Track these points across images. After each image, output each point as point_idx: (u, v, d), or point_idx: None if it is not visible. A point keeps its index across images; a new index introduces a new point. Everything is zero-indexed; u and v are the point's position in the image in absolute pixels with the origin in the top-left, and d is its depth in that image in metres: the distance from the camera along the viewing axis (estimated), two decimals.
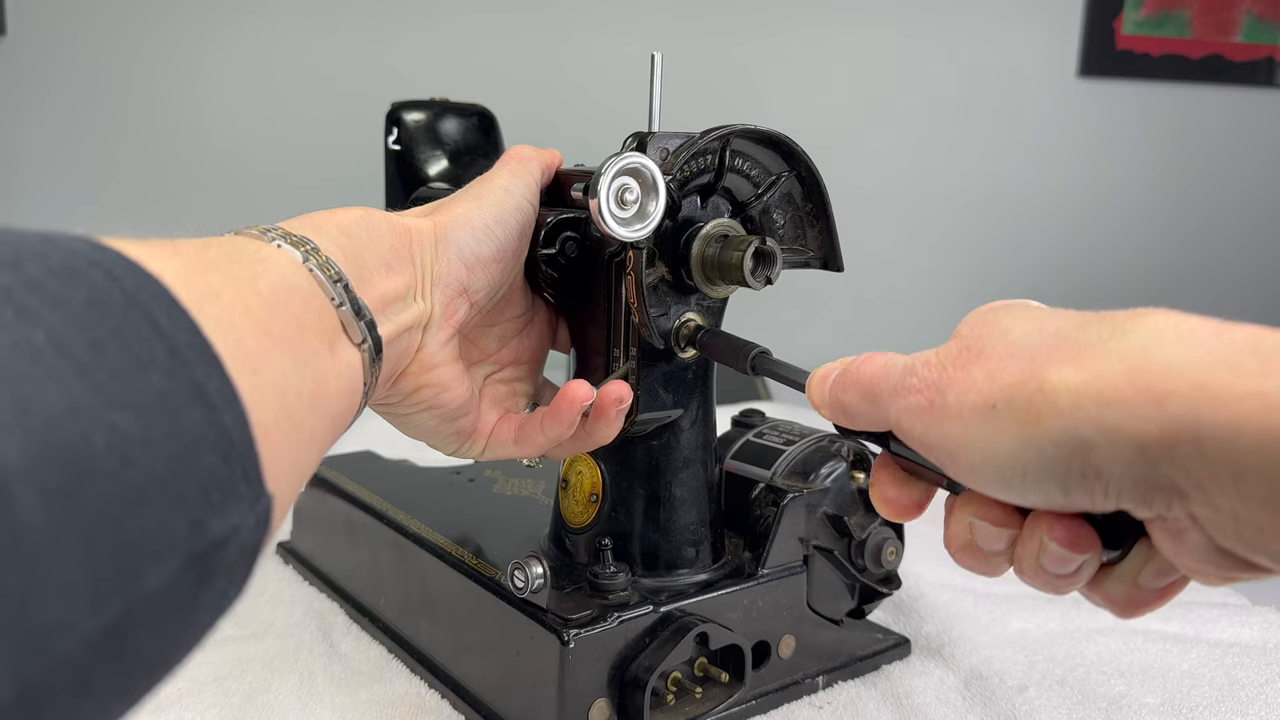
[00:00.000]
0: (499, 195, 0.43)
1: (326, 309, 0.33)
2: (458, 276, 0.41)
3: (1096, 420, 0.25)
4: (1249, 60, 1.59)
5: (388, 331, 0.37)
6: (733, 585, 0.50)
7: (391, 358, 0.38)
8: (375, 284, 0.37)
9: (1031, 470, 0.27)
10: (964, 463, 0.28)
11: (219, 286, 0.27)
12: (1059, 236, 1.62)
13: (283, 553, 0.71)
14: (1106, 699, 0.54)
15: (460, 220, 0.41)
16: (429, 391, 0.42)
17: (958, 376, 0.29)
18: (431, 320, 0.40)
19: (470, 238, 0.41)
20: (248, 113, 1.46)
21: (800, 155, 0.46)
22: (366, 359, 0.35)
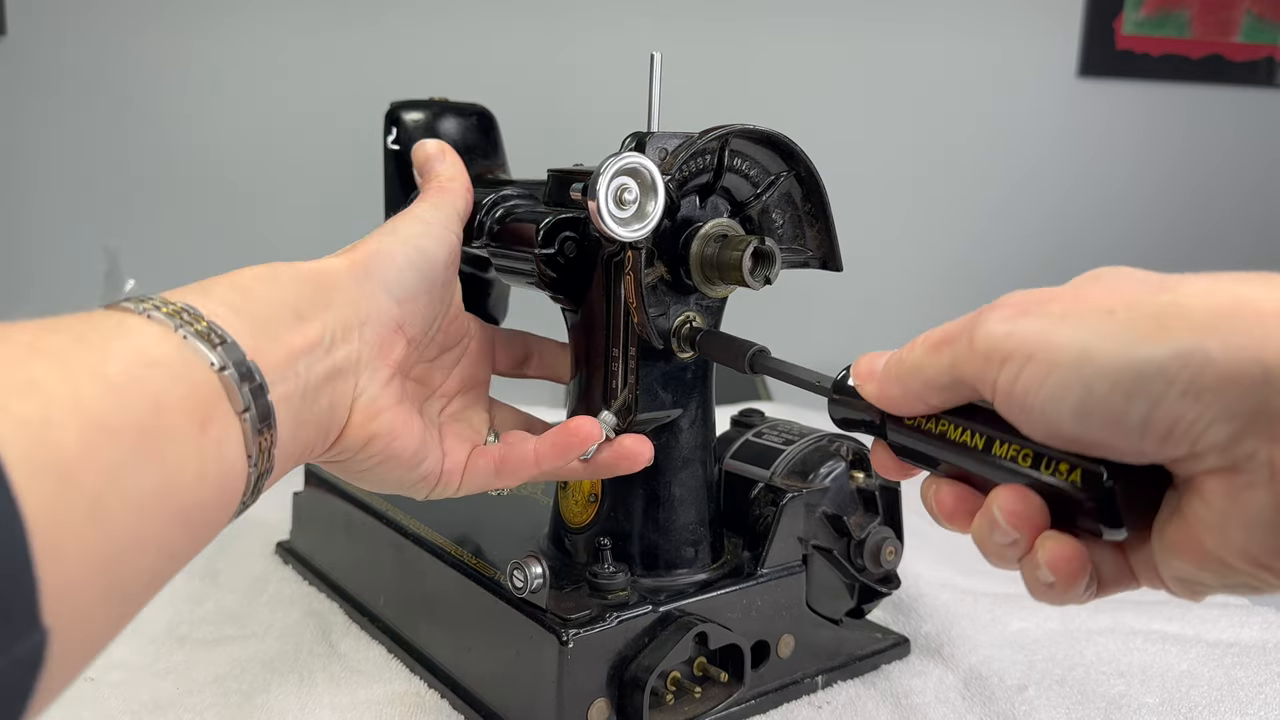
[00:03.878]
0: (418, 227, 0.42)
1: (203, 379, 0.29)
2: (389, 313, 0.39)
3: (1227, 335, 0.23)
4: (1249, 60, 1.59)
5: (303, 384, 0.34)
6: (732, 585, 0.50)
7: (319, 411, 0.35)
8: (283, 338, 0.34)
9: (1125, 382, 0.24)
10: (1039, 368, 0.26)
11: (42, 378, 0.24)
12: (1059, 236, 1.62)
13: (282, 552, 0.71)
14: (1106, 699, 0.54)
15: (380, 255, 0.40)
16: (380, 443, 0.38)
17: (1066, 293, 0.27)
18: (362, 362, 0.37)
19: (395, 273, 0.39)
20: (247, 112, 1.46)
21: (799, 155, 0.46)
22: (249, 428, 0.31)
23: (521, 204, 0.53)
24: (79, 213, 1.46)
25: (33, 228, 1.47)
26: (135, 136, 1.45)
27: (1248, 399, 0.23)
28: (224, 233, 1.49)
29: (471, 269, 0.67)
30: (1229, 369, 0.23)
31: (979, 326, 0.28)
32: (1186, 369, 0.24)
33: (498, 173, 0.69)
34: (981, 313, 0.29)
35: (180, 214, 1.48)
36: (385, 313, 0.38)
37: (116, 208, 1.47)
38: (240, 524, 0.75)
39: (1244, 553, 0.25)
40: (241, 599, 0.64)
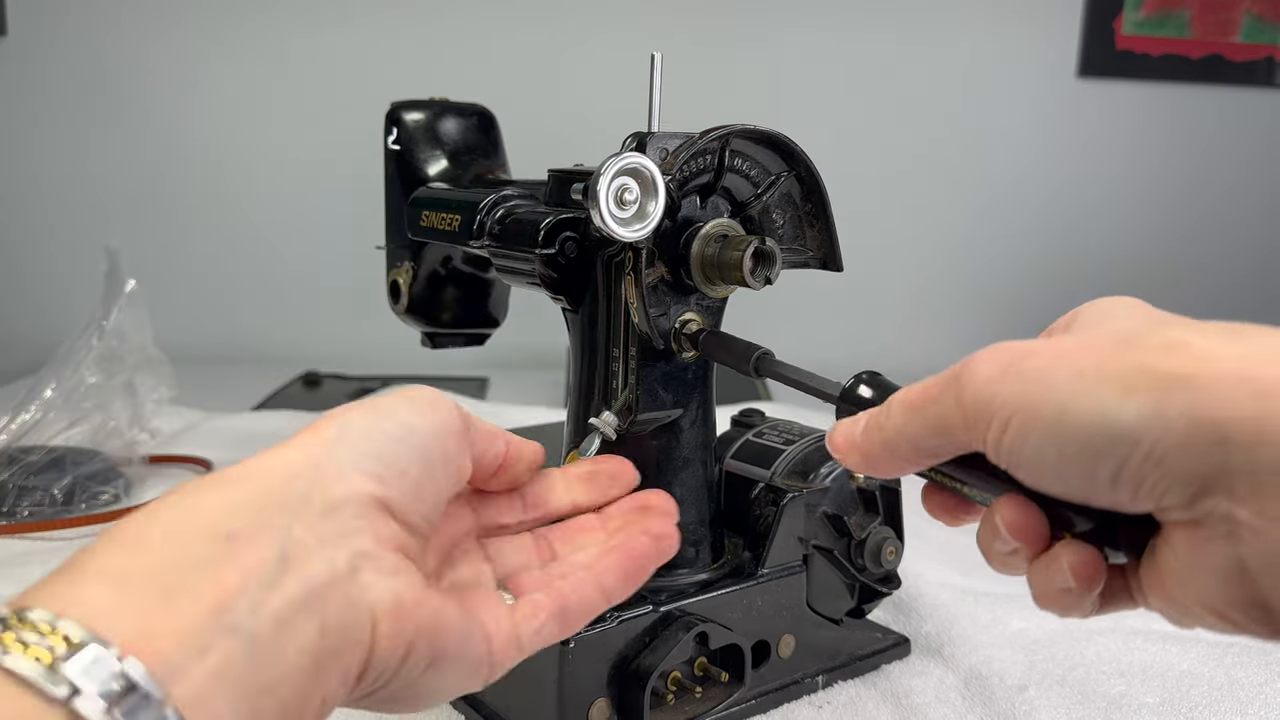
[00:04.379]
0: (400, 401, 0.33)
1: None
2: (363, 493, 0.28)
3: (1186, 400, 0.25)
4: (1249, 60, 1.59)
5: (248, 635, 0.24)
6: (732, 585, 0.50)
7: (301, 652, 0.25)
8: (197, 591, 0.24)
9: (1095, 443, 0.26)
10: (1020, 427, 0.27)
11: None
12: (1058, 236, 1.62)
13: None
14: (1106, 699, 0.54)
15: (348, 425, 0.30)
16: (422, 646, 0.28)
17: (1044, 347, 0.28)
18: (358, 558, 0.27)
19: (366, 444, 0.30)
20: (248, 111, 1.46)
21: (799, 155, 0.46)
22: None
23: (522, 204, 0.53)
24: (79, 213, 1.46)
25: (33, 228, 1.47)
26: (135, 136, 1.45)
27: (1206, 461, 0.24)
28: (224, 233, 1.50)
29: (472, 269, 0.67)
30: (1188, 433, 0.24)
31: (964, 385, 0.29)
32: (1149, 433, 0.25)
33: (498, 173, 0.69)
34: (964, 370, 0.29)
35: (180, 214, 1.48)
36: (358, 493, 0.28)
37: (116, 208, 1.47)
38: None
39: (1203, 602, 0.26)
40: None
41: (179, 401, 0.91)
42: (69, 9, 1.41)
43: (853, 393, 0.37)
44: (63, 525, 0.74)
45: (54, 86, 1.43)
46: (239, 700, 0.23)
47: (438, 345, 0.70)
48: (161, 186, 1.47)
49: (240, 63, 1.45)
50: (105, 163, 1.46)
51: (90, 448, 0.82)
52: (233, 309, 1.51)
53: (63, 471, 0.78)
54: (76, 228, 1.46)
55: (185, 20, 1.43)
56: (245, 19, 1.44)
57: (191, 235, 1.49)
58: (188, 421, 1.04)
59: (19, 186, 1.46)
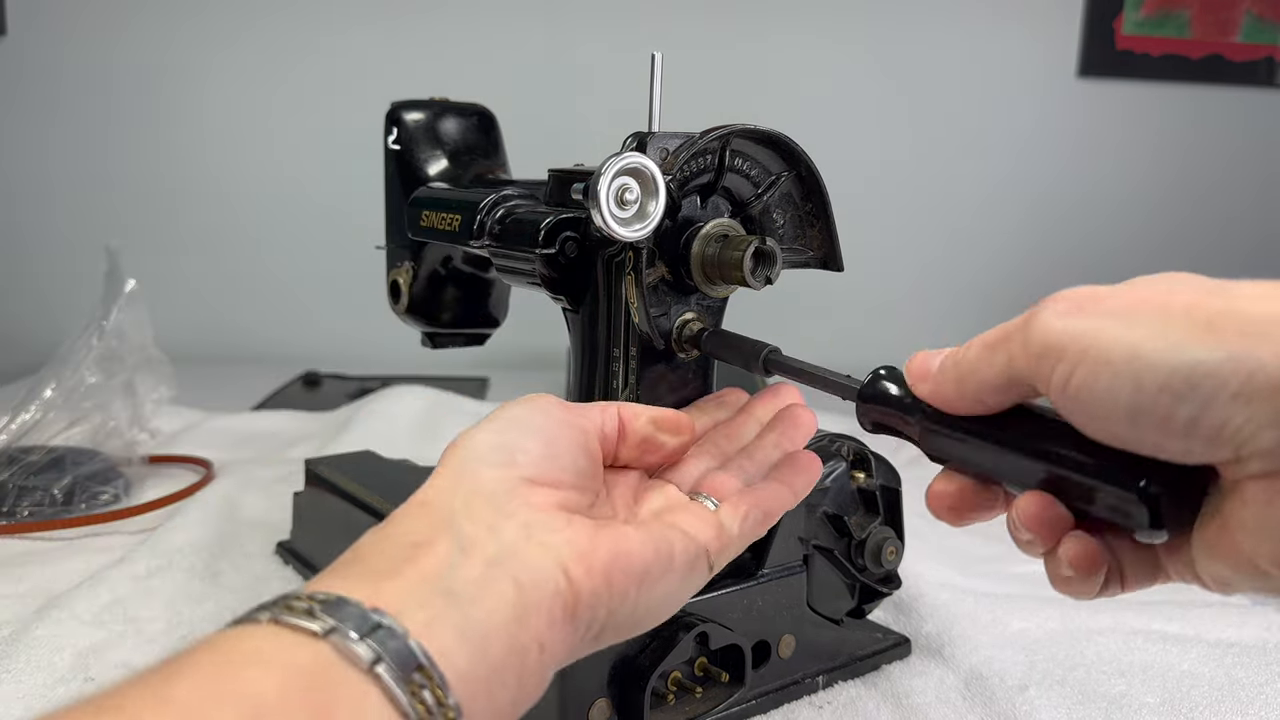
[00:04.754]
0: (518, 409, 0.37)
1: (305, 655, 0.26)
2: (501, 479, 0.33)
3: (1279, 343, 0.24)
4: (1249, 60, 1.59)
5: (450, 595, 0.29)
6: (733, 585, 0.50)
7: (501, 606, 0.29)
8: (401, 571, 0.29)
9: (1175, 383, 0.25)
10: (1093, 365, 0.26)
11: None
12: (1058, 236, 1.62)
13: (282, 553, 0.71)
14: (1106, 699, 0.54)
15: (462, 439, 0.35)
16: (619, 572, 0.32)
17: (1121, 291, 0.28)
18: (522, 527, 0.31)
19: (483, 449, 0.35)
20: (248, 111, 1.46)
21: (800, 155, 0.46)
22: (391, 683, 0.26)
23: (522, 204, 0.53)
24: (79, 213, 1.46)
25: (33, 228, 1.47)
26: (135, 136, 1.45)
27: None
28: (224, 233, 1.49)
29: (472, 269, 0.67)
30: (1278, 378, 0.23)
31: (1033, 324, 0.28)
32: (1237, 374, 0.24)
33: (498, 173, 0.69)
34: (1036, 309, 0.29)
35: (180, 214, 1.48)
36: (498, 480, 0.33)
37: (116, 208, 1.47)
38: (240, 524, 0.75)
39: (1277, 558, 0.25)
40: (242, 599, 0.64)
41: (179, 401, 0.92)
42: (69, 9, 1.41)
43: (877, 389, 0.36)
44: (63, 525, 0.74)
45: (54, 86, 1.43)
46: (460, 638, 0.28)
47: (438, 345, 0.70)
48: (161, 186, 1.47)
49: (240, 62, 1.45)
50: (105, 162, 1.46)
51: (90, 448, 0.82)
52: (233, 309, 1.51)
53: (63, 471, 0.78)
54: (76, 228, 1.46)
55: (185, 20, 1.43)
56: (246, 19, 1.44)
57: (191, 235, 1.49)
58: (188, 421, 1.04)
59: (19, 186, 1.46)
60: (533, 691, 0.30)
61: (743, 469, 0.41)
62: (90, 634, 0.57)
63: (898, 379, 0.36)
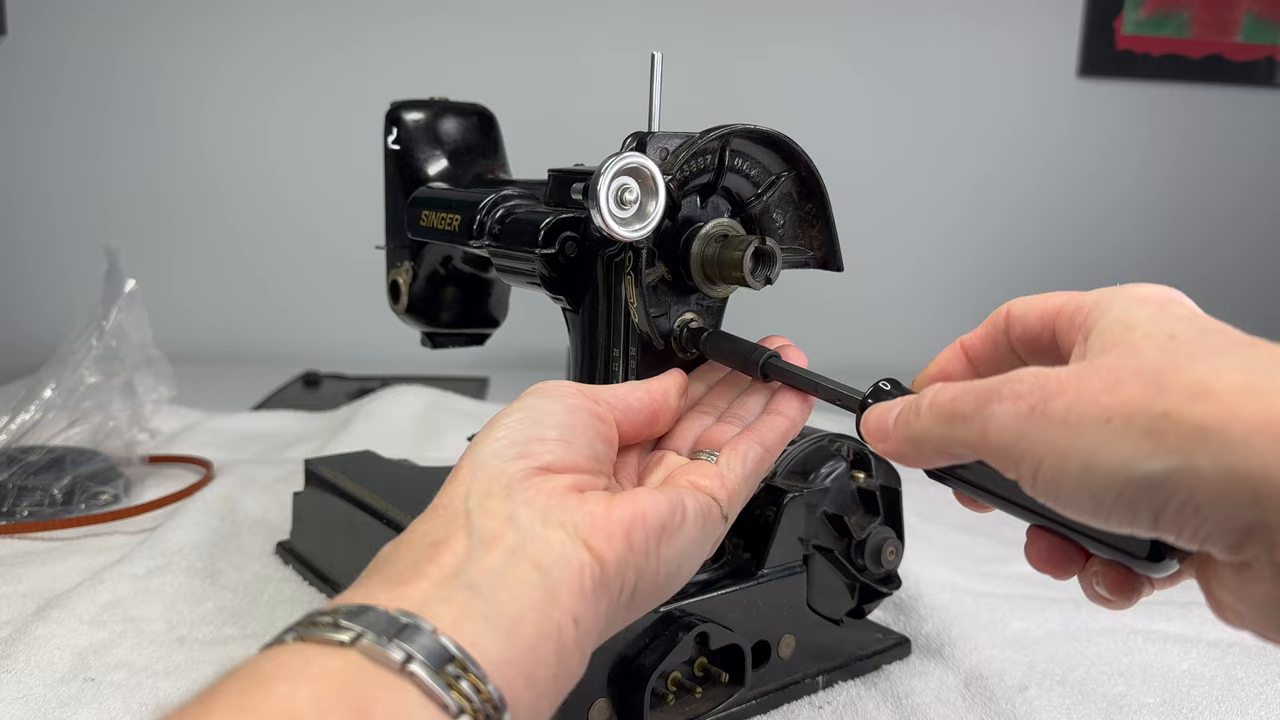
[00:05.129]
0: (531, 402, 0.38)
1: (335, 661, 0.26)
2: (509, 471, 0.34)
3: (1216, 453, 0.24)
4: (1249, 60, 1.59)
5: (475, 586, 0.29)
6: (732, 585, 0.50)
7: (528, 586, 0.30)
8: (422, 569, 0.30)
9: (1129, 493, 0.26)
10: (1051, 473, 0.27)
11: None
12: (1058, 236, 1.62)
13: (282, 553, 0.71)
14: (1106, 699, 0.54)
15: (477, 439, 0.36)
16: (638, 532, 0.33)
17: (1070, 382, 0.27)
18: (537, 511, 0.32)
19: (492, 444, 0.35)
20: (247, 111, 1.46)
21: (800, 155, 0.46)
22: (426, 677, 0.26)
23: (522, 204, 0.53)
24: (79, 213, 1.46)
25: (33, 228, 1.47)
26: (135, 136, 1.45)
27: (1241, 515, 0.24)
28: (224, 233, 1.49)
29: (472, 269, 0.67)
30: (1220, 487, 0.24)
31: (990, 421, 0.29)
32: (1181, 485, 0.25)
33: (498, 173, 0.69)
34: (989, 398, 0.29)
35: (180, 214, 1.48)
36: (512, 473, 0.34)
37: (116, 208, 1.47)
38: (240, 524, 0.75)
39: (1256, 625, 0.26)
40: (241, 599, 0.64)
41: (178, 401, 0.92)
42: (69, 9, 1.41)
43: (875, 402, 0.36)
44: (62, 525, 0.74)
45: (54, 86, 1.43)
46: (489, 626, 0.28)
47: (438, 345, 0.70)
48: (161, 187, 1.47)
49: (240, 62, 1.45)
50: (105, 162, 1.46)
51: (90, 448, 0.82)
52: (233, 309, 1.51)
53: (62, 471, 0.78)
54: (76, 228, 1.46)
55: (186, 20, 1.43)
56: (246, 19, 1.44)
57: (191, 235, 1.49)
58: (187, 421, 1.04)
59: (19, 186, 1.46)
60: (575, 668, 0.31)
61: (737, 417, 0.42)
62: (90, 634, 0.57)
63: (901, 391, 0.36)
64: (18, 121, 1.44)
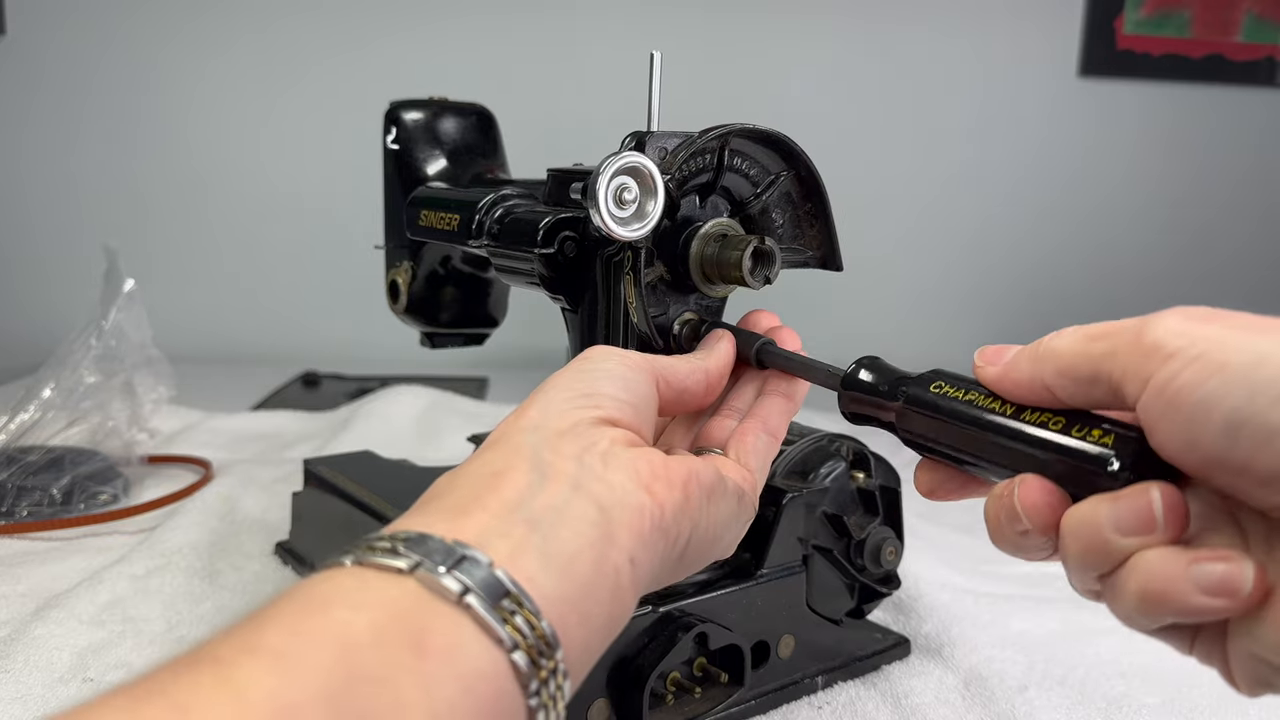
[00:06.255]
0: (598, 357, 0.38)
1: (393, 591, 0.26)
2: (578, 415, 0.34)
3: None
4: (1249, 60, 1.59)
5: (533, 523, 0.29)
6: (732, 585, 0.50)
7: (583, 532, 0.30)
8: (483, 500, 0.30)
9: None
10: (1208, 366, 0.25)
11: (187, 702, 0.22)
12: (1059, 236, 1.62)
13: (281, 553, 0.71)
14: (1106, 699, 0.54)
15: (544, 385, 0.36)
16: (694, 486, 0.34)
17: (1248, 314, 0.26)
18: (599, 454, 0.32)
19: (558, 391, 0.36)
20: (247, 111, 1.46)
21: (799, 154, 0.46)
22: (482, 612, 0.26)
23: (521, 204, 0.53)
24: (79, 213, 1.46)
25: (32, 228, 1.47)
26: (135, 136, 1.45)
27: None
28: (223, 233, 1.49)
29: (471, 269, 0.67)
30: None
31: (1154, 321, 0.27)
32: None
33: (497, 172, 0.69)
34: (1156, 315, 0.28)
35: (180, 214, 1.48)
36: (582, 418, 0.34)
37: (116, 208, 1.47)
38: (240, 524, 0.75)
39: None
40: (241, 599, 0.64)
41: (178, 401, 0.91)
42: (69, 9, 1.41)
43: (854, 378, 0.37)
44: (61, 525, 0.74)
45: (54, 86, 1.43)
46: (545, 562, 0.28)
47: (437, 345, 0.70)
48: (161, 186, 1.47)
49: (240, 62, 1.45)
50: (105, 162, 1.45)
51: (89, 448, 0.82)
52: (232, 309, 1.51)
53: (61, 471, 0.78)
54: (76, 228, 1.46)
55: (185, 20, 1.43)
56: (245, 19, 1.44)
57: (191, 235, 1.49)
58: (186, 421, 1.04)
59: (18, 186, 1.45)
60: (628, 607, 0.31)
61: (733, 409, 0.42)
62: (89, 634, 0.57)
63: (877, 368, 0.37)
64: (17, 121, 1.44)
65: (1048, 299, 1.63)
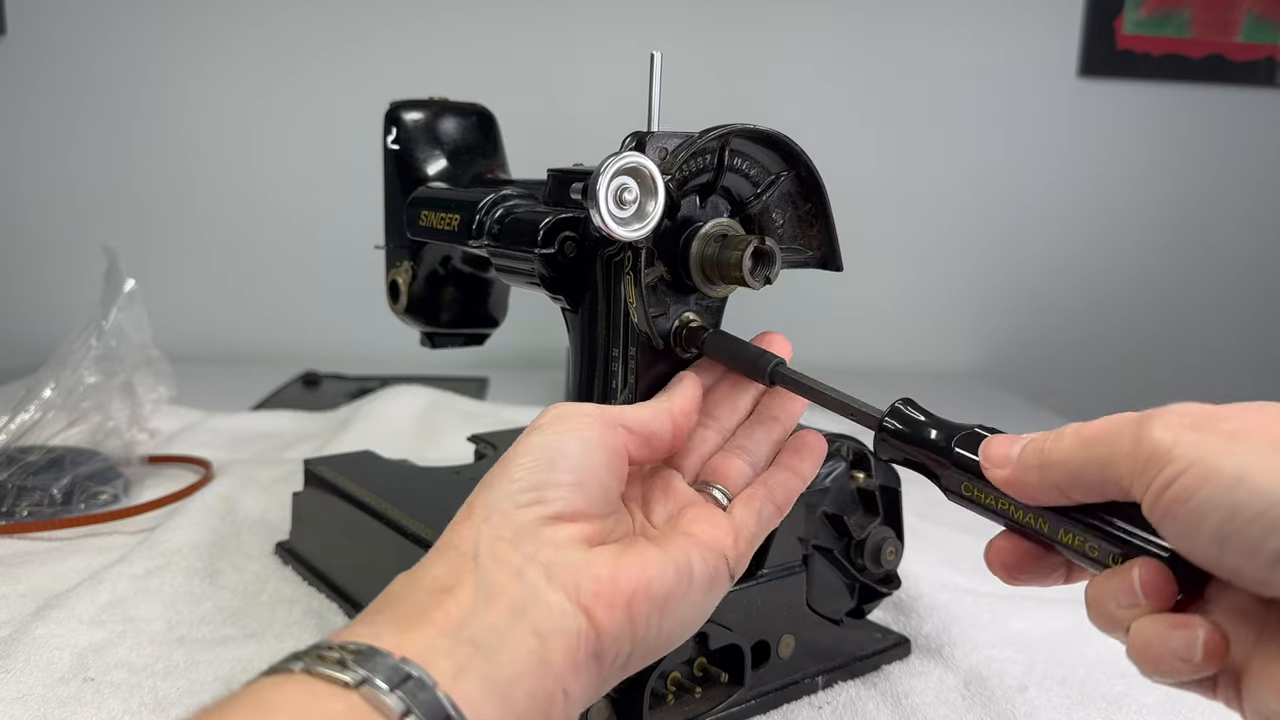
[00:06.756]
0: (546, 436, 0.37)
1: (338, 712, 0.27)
2: (525, 519, 0.33)
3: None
4: (1249, 60, 1.59)
5: (477, 644, 0.30)
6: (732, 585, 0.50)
7: (523, 655, 0.30)
8: (429, 616, 0.30)
9: (1269, 516, 0.25)
10: (1195, 479, 0.26)
11: None
12: (1058, 236, 1.62)
13: (282, 553, 0.71)
14: (1106, 699, 0.54)
15: (491, 476, 0.35)
16: (640, 602, 0.33)
17: (1237, 415, 0.28)
18: (540, 567, 0.32)
19: (506, 484, 0.35)
20: (247, 111, 1.46)
21: (799, 155, 0.46)
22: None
23: (521, 204, 0.53)
24: (78, 213, 1.46)
25: (32, 228, 1.47)
26: (135, 136, 1.45)
27: None
28: (223, 233, 1.49)
29: (471, 269, 0.67)
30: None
31: (1148, 427, 0.28)
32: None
33: (497, 172, 0.69)
34: (1149, 416, 0.29)
35: (179, 214, 1.48)
36: (523, 523, 0.33)
37: (115, 208, 1.47)
38: (240, 524, 0.75)
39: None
40: (241, 599, 0.64)
41: (178, 401, 0.91)
42: (68, 9, 1.41)
43: (896, 425, 0.36)
44: (62, 525, 0.74)
45: (54, 86, 1.43)
46: (486, 688, 0.29)
47: (437, 345, 0.70)
48: (161, 186, 1.47)
49: (240, 62, 1.45)
50: (105, 162, 1.46)
51: (89, 448, 0.82)
52: (232, 309, 1.51)
53: (62, 471, 0.78)
54: (76, 228, 1.46)
55: (185, 20, 1.43)
56: (245, 19, 1.44)
57: (191, 235, 1.49)
58: (187, 421, 1.04)
59: (18, 186, 1.45)
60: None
61: (744, 450, 0.41)
62: (89, 634, 0.57)
63: (918, 410, 0.36)
64: (17, 121, 1.44)
65: (1047, 298, 1.63)
